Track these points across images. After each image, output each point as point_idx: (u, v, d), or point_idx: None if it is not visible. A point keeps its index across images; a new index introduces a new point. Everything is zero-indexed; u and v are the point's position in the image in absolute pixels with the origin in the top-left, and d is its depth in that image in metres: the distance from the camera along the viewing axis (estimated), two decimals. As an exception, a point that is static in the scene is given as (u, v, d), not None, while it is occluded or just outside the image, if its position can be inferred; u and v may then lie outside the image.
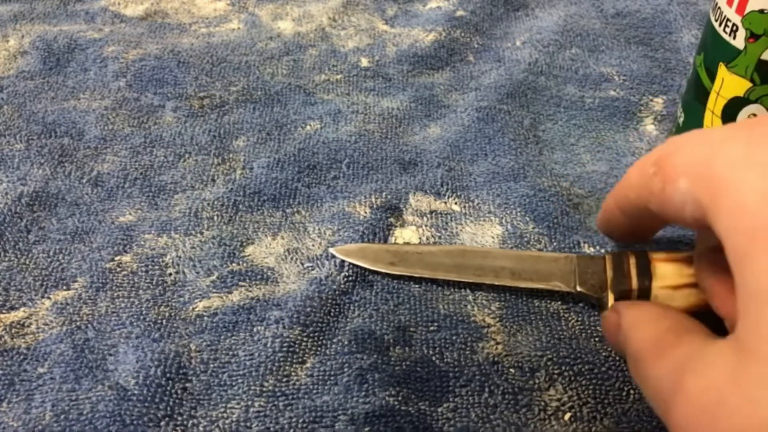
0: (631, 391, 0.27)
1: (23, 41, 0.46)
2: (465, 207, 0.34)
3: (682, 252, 0.27)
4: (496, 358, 0.28)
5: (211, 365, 0.27)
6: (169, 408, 0.26)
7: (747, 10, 0.29)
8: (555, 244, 0.32)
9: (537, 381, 0.27)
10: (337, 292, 0.30)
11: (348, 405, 0.26)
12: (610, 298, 0.27)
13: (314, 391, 0.27)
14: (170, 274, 0.31)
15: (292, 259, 0.32)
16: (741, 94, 0.30)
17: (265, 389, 0.27)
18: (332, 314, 0.29)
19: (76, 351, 0.28)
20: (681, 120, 0.35)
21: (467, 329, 0.29)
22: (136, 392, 0.26)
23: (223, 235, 0.33)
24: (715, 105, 0.32)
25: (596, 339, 0.28)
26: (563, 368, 0.27)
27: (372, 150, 0.38)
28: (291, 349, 0.28)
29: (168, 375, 0.27)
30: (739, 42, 0.30)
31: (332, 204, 0.34)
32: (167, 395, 0.26)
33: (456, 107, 0.41)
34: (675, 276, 0.26)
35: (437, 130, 0.39)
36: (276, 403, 0.26)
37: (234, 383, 0.27)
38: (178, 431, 0.25)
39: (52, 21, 0.49)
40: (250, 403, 0.26)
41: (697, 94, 0.33)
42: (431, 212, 0.34)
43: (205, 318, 0.29)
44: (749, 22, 0.29)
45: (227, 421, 0.26)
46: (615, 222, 0.27)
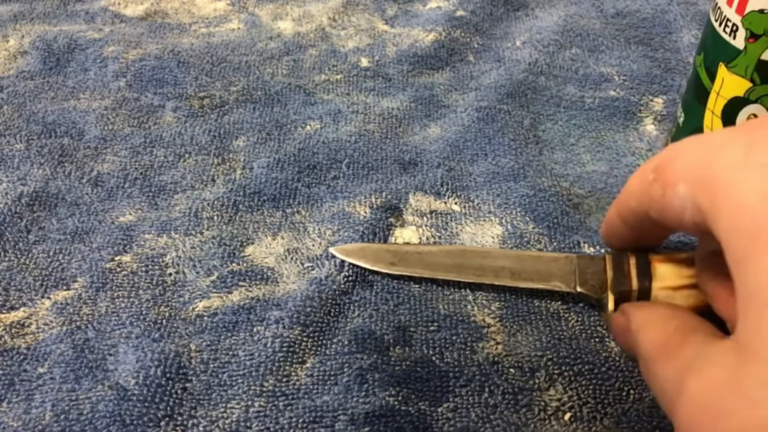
0: (631, 391, 0.27)
1: (23, 41, 0.46)
2: (465, 207, 0.34)
3: (681, 253, 0.27)
4: (496, 358, 0.28)
5: (211, 365, 0.28)
6: (169, 408, 0.26)
7: (747, 10, 0.29)
8: (555, 244, 0.32)
9: (537, 381, 0.27)
10: (337, 292, 0.30)
11: (348, 405, 0.26)
12: (610, 298, 0.27)
13: (314, 391, 0.27)
14: (170, 274, 0.31)
15: (292, 259, 0.32)
16: (741, 94, 0.30)
17: (265, 389, 0.27)
18: (332, 314, 0.29)
19: (76, 351, 0.28)
20: (681, 120, 0.35)
21: (467, 329, 0.29)
22: (136, 392, 0.26)
23: (223, 235, 0.33)
24: (715, 105, 0.32)
25: (596, 339, 0.28)
26: (563, 368, 0.27)
27: (372, 150, 0.38)
28: (291, 349, 0.28)
29: (168, 375, 0.27)
30: (739, 42, 0.30)
31: (332, 204, 0.34)
32: (167, 395, 0.26)
33: (456, 107, 0.41)
34: (675, 277, 0.26)
35: (437, 130, 0.39)
36: (276, 403, 0.26)
37: (234, 383, 0.27)
38: (178, 431, 0.25)
39: (52, 21, 0.49)
40: (250, 403, 0.26)
41: (697, 94, 0.33)
42: (431, 212, 0.34)
43: (205, 318, 0.29)
44: (749, 22, 0.29)
45: (227, 421, 0.26)
46: (618, 233, 0.27)
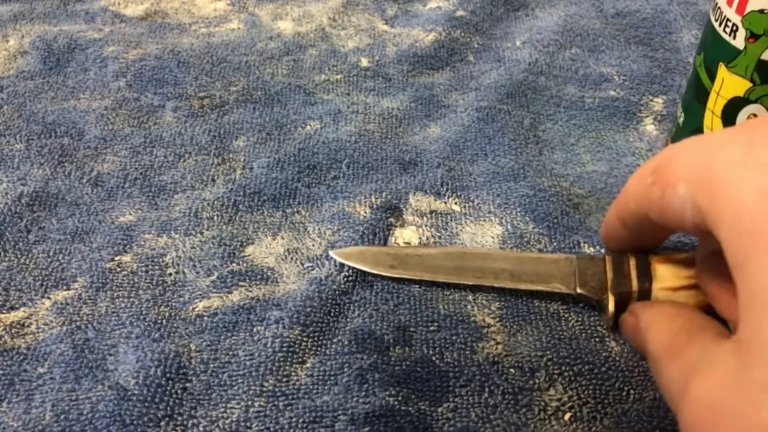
0: (631, 391, 0.27)
1: (23, 41, 0.46)
2: (465, 207, 0.34)
3: (681, 253, 0.27)
4: (496, 358, 0.28)
5: (211, 365, 0.27)
6: (169, 408, 0.26)
7: (747, 10, 0.29)
8: (555, 244, 0.32)
9: (537, 381, 0.27)
10: (337, 292, 0.30)
11: (348, 405, 0.26)
12: (611, 300, 0.27)
13: (314, 391, 0.27)
14: (170, 274, 0.31)
15: (292, 259, 0.32)
16: (741, 94, 0.30)
17: (265, 389, 0.27)
18: (332, 314, 0.29)
19: (76, 351, 0.28)
20: (681, 120, 0.35)
21: (467, 329, 0.29)
22: (136, 392, 0.26)
23: (223, 235, 0.33)
24: (715, 105, 0.32)
25: (596, 339, 0.28)
26: (563, 368, 0.27)
27: (372, 150, 0.38)
28: (291, 349, 0.28)
29: (168, 375, 0.27)
30: (739, 42, 0.30)
31: (332, 204, 0.34)
32: (167, 395, 0.26)
33: (456, 107, 0.41)
34: (675, 277, 0.26)
35: (437, 130, 0.39)
36: (276, 403, 0.26)
37: (234, 383, 0.27)
38: (178, 431, 0.25)
39: (52, 21, 0.49)
40: (250, 403, 0.26)
41: (697, 94, 0.33)
42: (431, 212, 0.34)
43: (205, 318, 0.29)
44: (749, 22, 0.29)
45: (227, 421, 0.26)
46: (618, 235, 0.27)
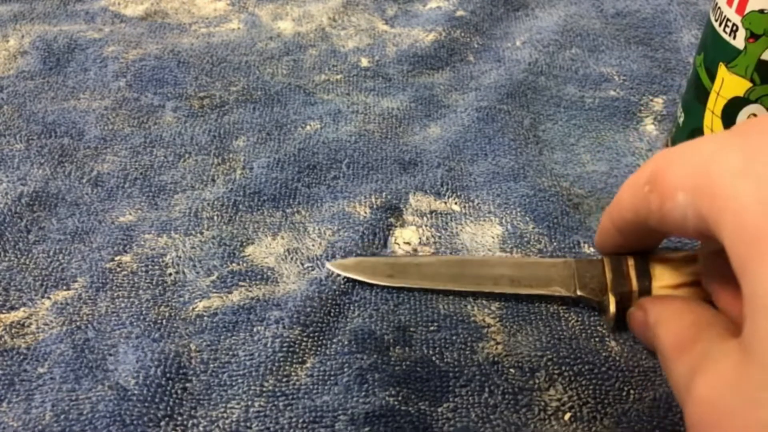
0: (631, 391, 0.27)
1: (23, 41, 0.46)
2: (465, 207, 0.34)
3: (678, 252, 0.27)
4: (496, 358, 0.28)
5: (211, 365, 0.27)
6: (169, 408, 0.26)
7: (747, 10, 0.29)
8: (555, 244, 0.32)
9: (537, 381, 0.27)
10: (337, 292, 0.30)
11: (348, 405, 0.26)
12: (611, 300, 0.27)
13: (314, 391, 0.27)
14: (170, 274, 0.31)
15: (292, 259, 0.32)
16: (741, 94, 0.30)
17: (265, 389, 0.27)
18: (332, 314, 0.29)
19: (76, 351, 0.28)
20: (681, 120, 0.35)
21: (467, 329, 0.29)
22: (136, 392, 0.26)
23: (223, 235, 0.33)
24: (715, 105, 0.32)
25: (596, 339, 0.28)
26: (563, 368, 0.27)
27: (372, 150, 0.38)
28: (291, 349, 0.28)
29: (168, 375, 0.27)
30: (739, 42, 0.30)
31: (332, 204, 0.34)
32: (167, 395, 0.26)
33: (456, 107, 0.41)
34: (674, 275, 0.26)
35: (437, 130, 0.39)
36: (276, 403, 0.26)
37: (234, 383, 0.27)
38: (178, 431, 0.25)
39: (52, 21, 0.49)
40: (250, 403, 0.26)
41: (697, 94, 0.33)
42: (431, 212, 0.34)
43: (205, 318, 0.29)
44: (749, 22, 0.29)
45: (227, 421, 0.26)
46: (614, 242, 0.27)
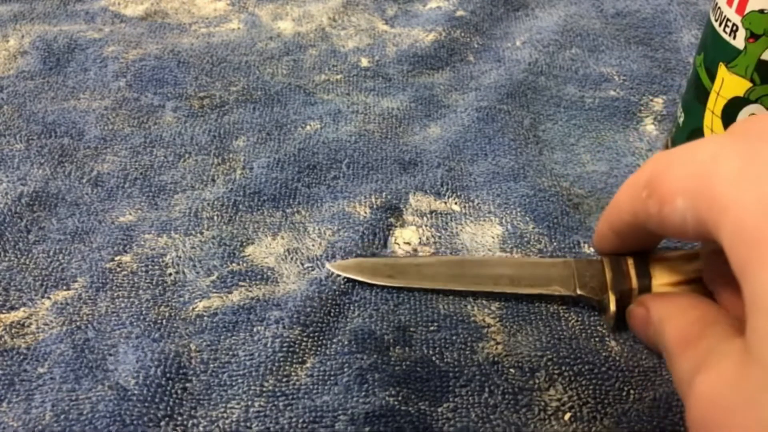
0: (631, 391, 0.27)
1: (23, 41, 0.46)
2: (465, 207, 0.34)
3: (677, 251, 0.27)
4: (496, 358, 0.28)
5: (211, 365, 0.27)
6: (169, 408, 0.26)
7: (747, 10, 0.29)
8: (555, 244, 0.32)
9: (537, 381, 0.27)
10: (337, 292, 0.30)
11: (348, 405, 0.26)
12: (612, 299, 0.27)
13: (314, 391, 0.27)
14: (170, 274, 0.31)
15: (292, 259, 0.32)
16: (741, 94, 0.30)
17: (265, 389, 0.27)
18: (332, 314, 0.29)
19: (76, 351, 0.28)
20: (681, 120, 0.35)
21: (467, 329, 0.29)
22: (136, 392, 0.26)
23: (223, 235, 0.33)
24: (715, 105, 0.32)
25: (596, 339, 0.28)
26: (563, 368, 0.27)
27: (372, 150, 0.38)
28: (291, 349, 0.28)
29: (168, 375, 0.27)
30: (739, 42, 0.30)
31: (332, 204, 0.34)
32: (167, 395, 0.26)
33: (456, 107, 0.41)
34: (673, 273, 0.26)
35: (437, 130, 0.39)
36: (276, 403, 0.26)
37: (234, 383, 0.27)
38: (178, 431, 0.25)
39: (52, 21, 0.49)
40: (250, 403, 0.26)
41: (697, 94, 0.33)
42: (431, 212, 0.34)
43: (205, 318, 0.29)
44: (749, 22, 0.29)
45: (227, 421, 0.26)
46: (612, 245, 0.27)
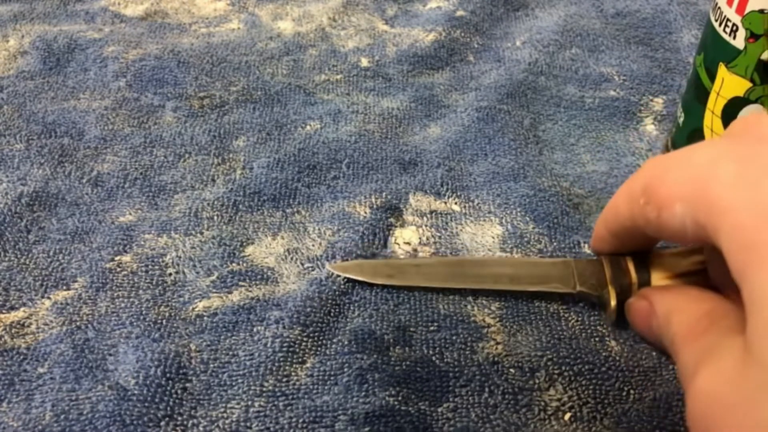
0: (631, 391, 0.27)
1: (23, 41, 0.46)
2: (465, 207, 0.34)
3: (678, 248, 0.27)
4: (496, 358, 0.28)
5: (211, 365, 0.27)
6: (169, 408, 0.26)
7: (747, 10, 0.29)
8: (555, 244, 0.32)
9: (537, 381, 0.27)
10: (337, 293, 0.30)
11: (348, 405, 0.26)
12: (612, 293, 0.27)
13: (314, 391, 0.27)
14: (170, 274, 0.31)
15: (292, 259, 0.32)
16: (741, 94, 0.30)
17: (265, 389, 0.27)
18: (332, 314, 0.29)
19: (76, 351, 0.28)
20: (681, 120, 0.35)
21: (467, 329, 0.29)
22: (136, 392, 0.26)
23: (223, 235, 0.33)
24: (715, 105, 0.32)
25: (596, 339, 0.28)
26: (563, 368, 0.27)
27: (372, 150, 0.38)
28: (291, 349, 0.28)
29: (168, 375, 0.27)
30: (739, 42, 0.30)
31: (332, 204, 0.34)
32: (167, 395, 0.26)
33: (456, 107, 0.41)
34: (672, 267, 0.26)
35: (437, 130, 0.39)
36: (276, 403, 0.26)
37: (234, 383, 0.27)
38: (178, 431, 0.25)
39: (52, 21, 0.49)
40: (250, 403, 0.26)
41: (697, 94, 0.33)
42: (431, 212, 0.34)
43: (205, 318, 0.29)
44: (749, 22, 0.29)
45: (227, 421, 0.26)
46: (610, 246, 0.27)
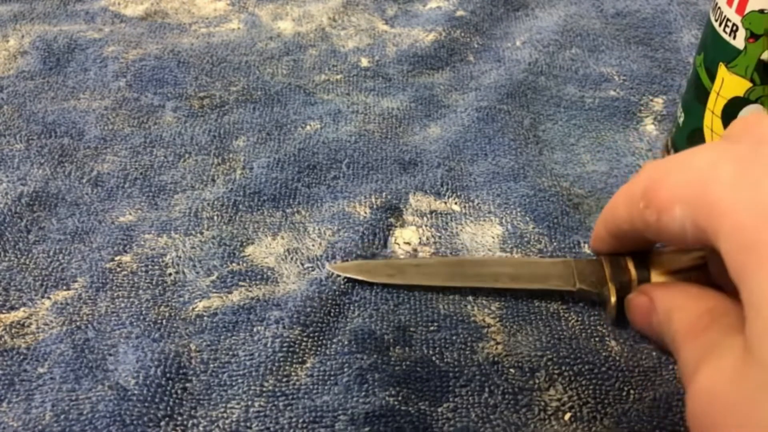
0: (631, 391, 0.27)
1: (23, 41, 0.46)
2: (465, 207, 0.34)
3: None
4: (496, 358, 0.28)
5: (211, 365, 0.27)
6: (169, 408, 0.26)
7: (747, 10, 0.29)
8: (555, 244, 0.32)
9: (537, 381, 0.27)
10: (337, 293, 0.30)
11: (348, 405, 0.26)
12: (611, 290, 0.27)
13: (314, 391, 0.27)
14: (170, 274, 0.31)
15: (292, 259, 0.32)
16: (741, 94, 0.30)
17: (265, 389, 0.27)
18: (332, 314, 0.29)
19: (76, 351, 0.28)
20: (681, 120, 0.35)
21: (467, 329, 0.29)
22: (136, 392, 0.26)
23: (223, 235, 0.33)
24: (715, 105, 0.32)
25: (596, 339, 0.28)
26: (563, 368, 0.27)
27: (372, 150, 0.38)
28: (291, 349, 0.28)
29: (168, 375, 0.27)
30: (739, 42, 0.30)
31: (332, 204, 0.34)
32: (167, 395, 0.26)
33: (456, 107, 0.41)
34: (672, 263, 0.26)
35: (437, 130, 0.39)
36: (276, 403, 0.26)
37: (234, 383, 0.27)
38: (178, 431, 0.25)
39: (52, 21, 0.49)
40: (250, 403, 0.26)
41: (697, 94, 0.33)
42: (431, 212, 0.34)
43: (205, 318, 0.29)
44: (749, 22, 0.29)
45: (227, 421, 0.26)
46: (609, 247, 0.27)
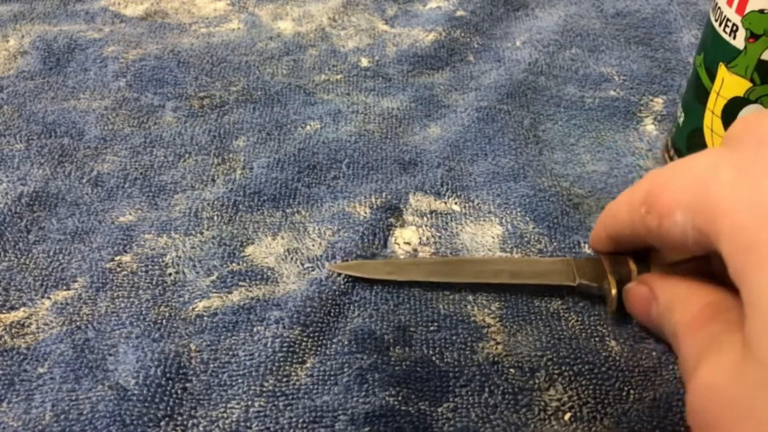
0: (631, 391, 0.27)
1: (23, 41, 0.46)
2: (465, 207, 0.34)
3: None
4: (496, 358, 0.28)
5: (211, 365, 0.27)
6: (169, 408, 0.26)
7: (747, 10, 0.29)
8: (555, 244, 0.32)
9: (537, 381, 0.27)
10: (337, 293, 0.30)
11: (348, 405, 0.26)
12: (612, 282, 0.27)
13: (314, 391, 0.27)
14: (170, 274, 0.31)
15: (292, 259, 0.32)
16: (741, 94, 0.30)
17: (265, 389, 0.27)
18: (332, 314, 0.29)
19: (76, 351, 0.28)
20: (681, 120, 0.35)
21: (467, 329, 0.29)
22: (136, 392, 0.26)
23: (223, 235, 0.33)
24: (715, 105, 0.32)
25: (596, 339, 0.28)
26: (563, 368, 0.27)
27: (372, 150, 0.38)
28: (291, 349, 0.28)
29: (168, 375, 0.27)
30: (739, 42, 0.30)
31: (332, 204, 0.34)
32: (167, 395, 0.26)
33: (456, 107, 0.41)
34: (671, 256, 0.26)
35: (437, 130, 0.39)
36: (276, 403, 0.26)
37: (234, 383, 0.27)
38: (178, 431, 0.25)
39: (52, 21, 0.49)
40: (250, 403, 0.26)
41: (697, 94, 0.33)
42: (431, 212, 0.34)
43: (205, 318, 0.29)
44: (749, 22, 0.29)
45: (227, 421, 0.26)
46: (609, 247, 0.27)
